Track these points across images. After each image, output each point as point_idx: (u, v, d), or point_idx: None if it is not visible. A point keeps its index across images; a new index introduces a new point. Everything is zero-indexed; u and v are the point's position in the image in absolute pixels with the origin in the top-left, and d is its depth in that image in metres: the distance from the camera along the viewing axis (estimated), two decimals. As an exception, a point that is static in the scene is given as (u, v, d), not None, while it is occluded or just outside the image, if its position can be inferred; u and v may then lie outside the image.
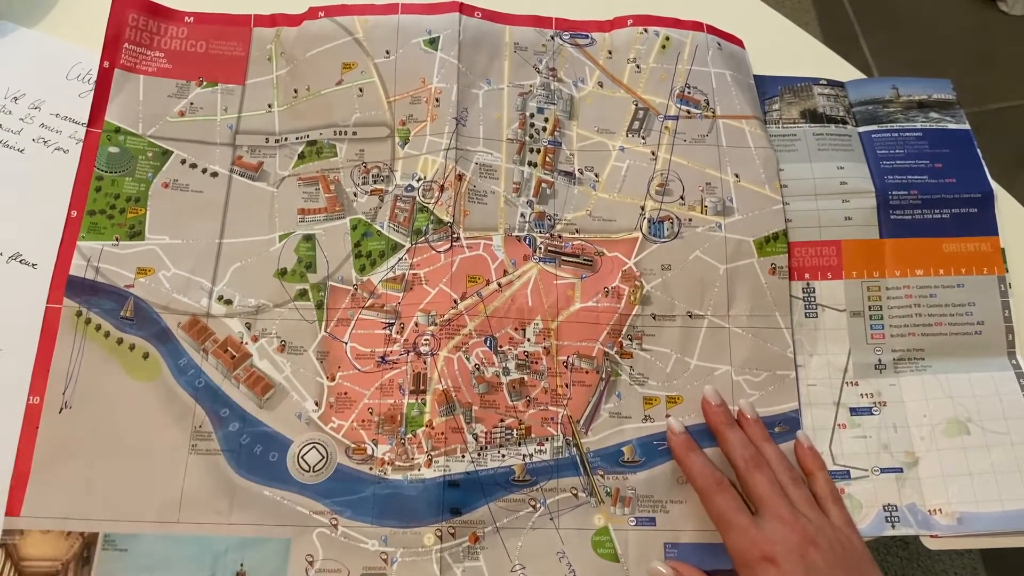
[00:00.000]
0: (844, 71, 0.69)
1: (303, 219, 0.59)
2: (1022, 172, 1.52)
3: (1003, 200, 0.63)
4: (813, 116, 0.65)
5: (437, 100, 0.61)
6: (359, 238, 0.58)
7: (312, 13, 0.63)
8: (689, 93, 0.64)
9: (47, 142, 0.61)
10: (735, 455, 0.52)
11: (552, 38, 0.65)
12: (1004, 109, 1.66)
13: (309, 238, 0.58)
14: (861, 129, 0.65)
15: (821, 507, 0.51)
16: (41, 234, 0.57)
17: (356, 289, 0.57)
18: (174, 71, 0.62)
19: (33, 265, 0.57)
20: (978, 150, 0.64)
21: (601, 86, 0.64)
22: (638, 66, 0.65)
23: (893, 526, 0.54)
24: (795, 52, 0.70)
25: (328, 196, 0.59)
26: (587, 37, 0.66)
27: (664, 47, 0.65)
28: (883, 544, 1.22)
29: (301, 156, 0.60)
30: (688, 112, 0.63)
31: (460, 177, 0.59)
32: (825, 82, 0.67)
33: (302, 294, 0.57)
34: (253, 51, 0.63)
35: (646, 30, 0.65)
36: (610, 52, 0.65)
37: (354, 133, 0.61)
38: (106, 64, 0.61)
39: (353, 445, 0.54)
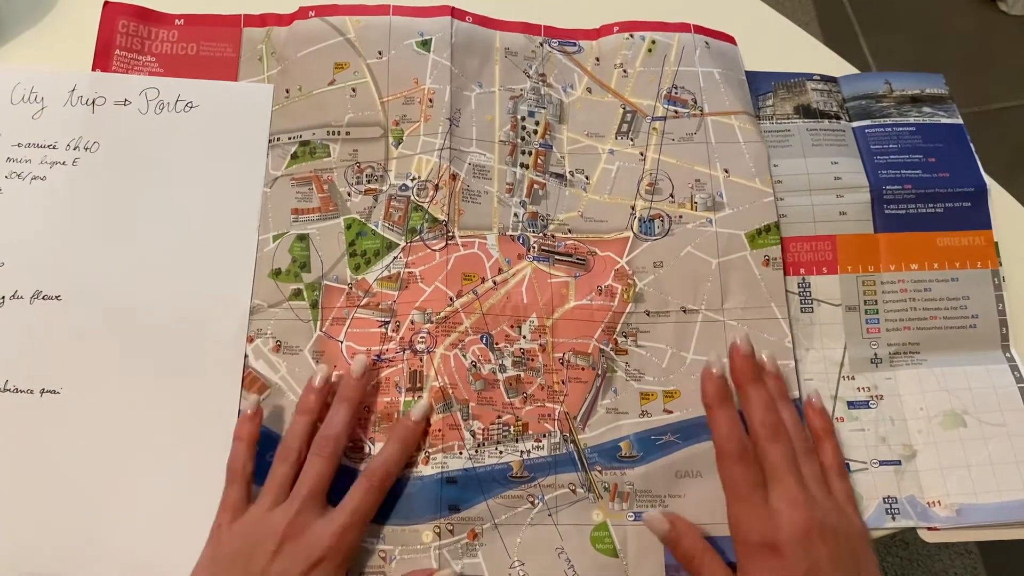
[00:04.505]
0: (843, 70, 0.69)
1: (296, 219, 0.59)
2: (1022, 172, 1.52)
3: (996, 194, 0.63)
4: (807, 111, 0.65)
5: (431, 101, 0.61)
6: (353, 237, 0.58)
7: (302, 13, 0.64)
8: (676, 93, 0.64)
9: (20, 175, 0.58)
10: (756, 419, 0.50)
11: (541, 45, 0.66)
12: (1004, 109, 1.66)
13: (303, 238, 0.58)
14: (855, 124, 0.65)
15: (827, 479, 0.51)
16: (55, 265, 0.56)
17: (351, 288, 0.57)
18: (166, 75, 0.62)
19: (56, 298, 0.55)
20: (971, 144, 0.64)
21: (590, 91, 0.65)
22: (625, 71, 0.65)
23: (893, 518, 0.54)
24: (793, 51, 0.70)
25: (322, 196, 0.59)
26: (575, 45, 0.66)
27: (650, 51, 0.65)
28: (883, 544, 1.22)
29: (294, 156, 0.61)
30: (675, 112, 0.63)
31: (454, 177, 0.60)
32: (818, 77, 0.67)
33: (296, 294, 0.57)
34: (243, 52, 0.63)
35: (632, 35, 0.66)
36: (597, 59, 0.66)
37: (347, 133, 0.61)
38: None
39: (350, 443, 0.54)
